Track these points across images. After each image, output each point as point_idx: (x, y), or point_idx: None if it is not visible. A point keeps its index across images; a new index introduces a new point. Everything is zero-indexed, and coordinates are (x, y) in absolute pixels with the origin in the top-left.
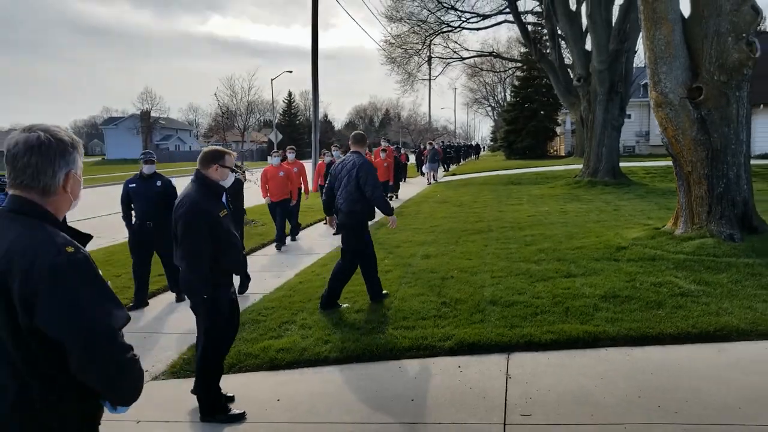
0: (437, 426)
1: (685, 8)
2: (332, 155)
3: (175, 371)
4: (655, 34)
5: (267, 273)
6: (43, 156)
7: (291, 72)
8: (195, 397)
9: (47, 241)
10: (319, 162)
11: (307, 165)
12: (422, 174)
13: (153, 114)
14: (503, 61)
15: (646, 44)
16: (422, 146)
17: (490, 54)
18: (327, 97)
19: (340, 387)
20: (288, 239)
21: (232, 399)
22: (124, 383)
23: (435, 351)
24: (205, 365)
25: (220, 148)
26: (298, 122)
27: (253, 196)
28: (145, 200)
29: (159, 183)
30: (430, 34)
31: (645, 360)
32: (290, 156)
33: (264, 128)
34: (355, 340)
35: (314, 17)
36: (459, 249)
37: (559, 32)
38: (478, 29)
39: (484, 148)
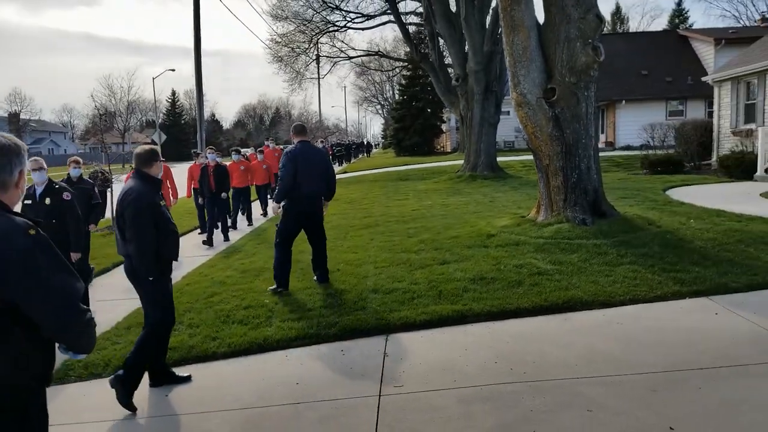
0: (318, 404)
1: (541, 16)
2: (207, 157)
3: None
4: (514, 40)
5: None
6: (4, 157)
7: (173, 70)
8: None
9: (13, 226)
10: (192, 164)
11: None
12: None
13: (23, 116)
14: (390, 60)
15: (507, 49)
16: None
17: (377, 53)
18: (214, 96)
19: (227, 379)
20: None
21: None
22: (87, 339)
23: (320, 338)
24: (147, 345)
25: (153, 147)
26: (183, 122)
27: None
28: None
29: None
30: (317, 33)
31: (503, 331)
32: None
33: (146, 129)
34: (242, 335)
35: (196, 12)
36: (346, 243)
37: (439, 34)
38: (363, 29)
39: (377, 145)
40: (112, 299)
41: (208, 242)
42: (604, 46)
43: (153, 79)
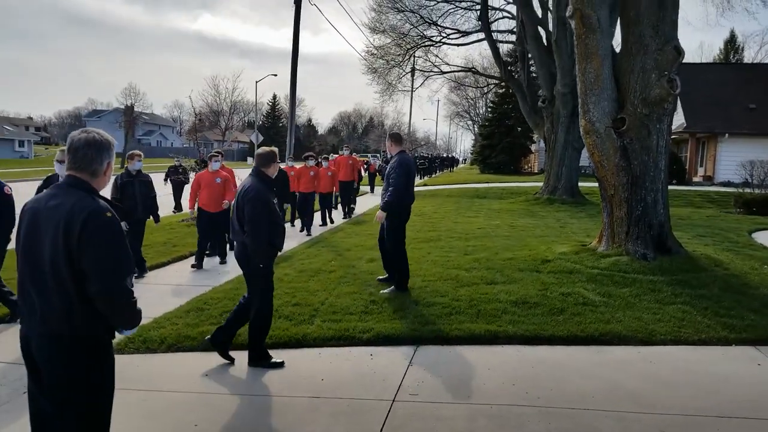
0: (334, 400)
1: (618, 45)
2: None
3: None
4: (586, 68)
5: (223, 266)
6: (97, 150)
7: (276, 75)
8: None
9: (96, 207)
10: (202, 172)
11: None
12: None
13: (137, 109)
14: (485, 77)
15: (579, 76)
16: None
17: (470, 70)
18: (312, 102)
19: (263, 368)
20: (217, 259)
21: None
22: (128, 313)
23: (354, 341)
24: (260, 324)
25: (273, 149)
26: (281, 125)
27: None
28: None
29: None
30: (412, 47)
31: (531, 356)
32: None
33: (247, 129)
34: (285, 329)
35: (296, 21)
36: None
37: (529, 54)
38: (458, 45)
39: (464, 161)
40: (183, 284)
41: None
42: (710, 76)
43: (256, 82)
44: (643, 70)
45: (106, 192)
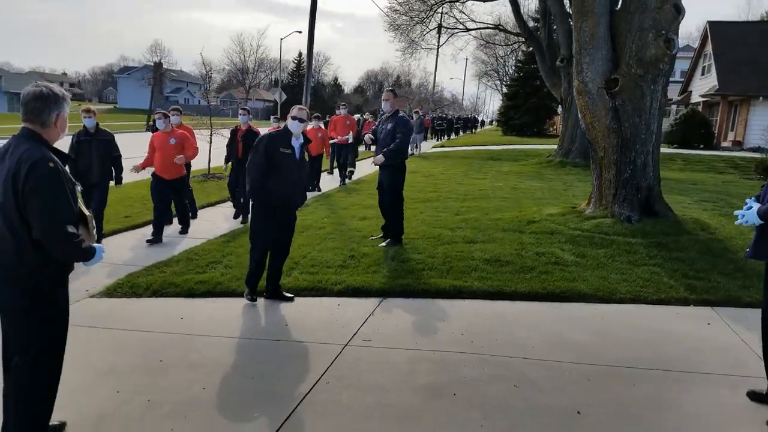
0: (293, 343)
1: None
2: (172, 120)
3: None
4: (582, 26)
5: (225, 223)
6: (44, 102)
7: (300, 32)
8: None
9: (41, 156)
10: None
11: None
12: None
13: (166, 66)
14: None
15: (575, 35)
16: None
17: (496, 27)
18: (339, 60)
19: (235, 313)
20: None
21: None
22: (64, 251)
23: (325, 292)
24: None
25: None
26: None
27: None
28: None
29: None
30: (436, 3)
31: (488, 310)
32: (174, 119)
33: (273, 88)
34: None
35: None
36: None
37: (550, 11)
38: (483, 0)
39: (491, 122)
40: (180, 236)
41: (239, 216)
42: (750, 36)
43: (280, 39)
44: (640, 29)
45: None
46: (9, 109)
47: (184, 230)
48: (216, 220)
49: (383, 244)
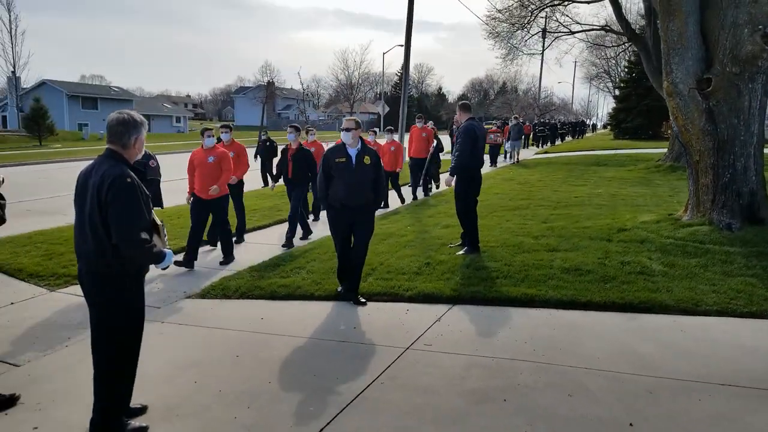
0: (357, 345)
1: None
2: (220, 138)
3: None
4: (669, 25)
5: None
6: (125, 127)
7: (402, 46)
8: None
9: (121, 172)
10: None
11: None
12: (506, 153)
13: (277, 85)
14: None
15: (661, 35)
16: (506, 122)
17: (602, 28)
18: (443, 70)
19: (310, 315)
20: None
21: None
22: (141, 257)
23: (397, 297)
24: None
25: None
26: (409, 94)
27: None
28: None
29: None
30: (538, 8)
31: (558, 319)
32: (225, 137)
33: (377, 101)
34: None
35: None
36: (479, 222)
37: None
38: (586, 2)
39: (605, 126)
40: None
41: (287, 244)
42: None
43: (383, 53)
44: (734, 25)
45: None
46: None
47: (225, 260)
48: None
49: (461, 252)
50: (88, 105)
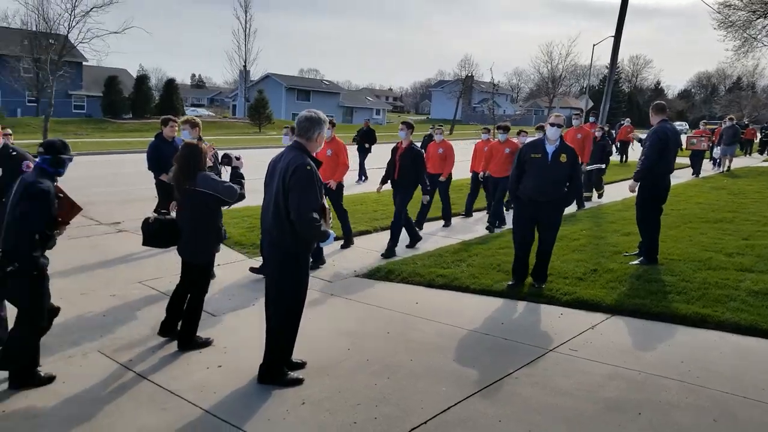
0: (500, 339)
1: None
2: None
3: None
4: None
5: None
6: (310, 122)
7: (613, 37)
8: None
9: (303, 161)
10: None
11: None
12: (713, 160)
13: (476, 78)
14: None
15: None
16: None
17: None
18: (665, 62)
19: (461, 305)
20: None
21: None
22: (311, 233)
23: (552, 300)
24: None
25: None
26: (618, 89)
27: None
28: None
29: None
30: None
31: (729, 343)
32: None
33: (581, 95)
34: (498, 281)
35: None
36: (667, 233)
37: None
38: None
39: None
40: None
41: (387, 253)
42: None
43: (593, 45)
44: None
45: None
46: (343, 121)
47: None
48: (472, 224)
49: (635, 261)
50: (302, 97)
